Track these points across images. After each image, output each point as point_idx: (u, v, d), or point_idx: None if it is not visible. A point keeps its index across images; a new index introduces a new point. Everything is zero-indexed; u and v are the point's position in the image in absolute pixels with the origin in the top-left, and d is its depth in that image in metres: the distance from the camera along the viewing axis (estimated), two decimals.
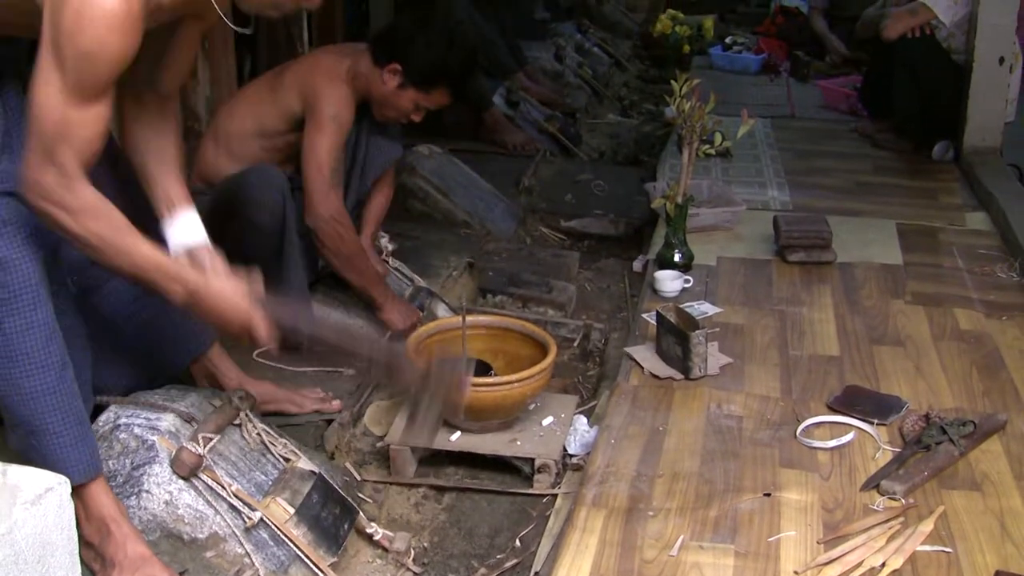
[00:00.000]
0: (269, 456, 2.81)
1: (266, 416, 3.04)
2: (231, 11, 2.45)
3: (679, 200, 4.11)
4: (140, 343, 2.86)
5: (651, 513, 2.72)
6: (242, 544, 2.58)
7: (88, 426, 2.52)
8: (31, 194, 2.24)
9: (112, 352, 2.78)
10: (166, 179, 2.64)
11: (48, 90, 2.18)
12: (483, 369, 3.31)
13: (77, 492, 2.33)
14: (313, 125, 3.63)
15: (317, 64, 3.82)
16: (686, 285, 4.04)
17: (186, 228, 2.60)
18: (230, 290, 2.49)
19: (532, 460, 3.15)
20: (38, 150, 2.20)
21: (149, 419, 2.67)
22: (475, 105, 6.17)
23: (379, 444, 3.29)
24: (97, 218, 2.28)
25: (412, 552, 2.87)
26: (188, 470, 2.58)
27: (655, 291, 4.02)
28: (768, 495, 2.79)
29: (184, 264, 2.51)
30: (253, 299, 2.50)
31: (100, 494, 2.49)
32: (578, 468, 3.13)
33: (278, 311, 2.54)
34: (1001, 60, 5.56)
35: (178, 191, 2.64)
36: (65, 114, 2.18)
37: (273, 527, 2.62)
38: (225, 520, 2.59)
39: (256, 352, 3.56)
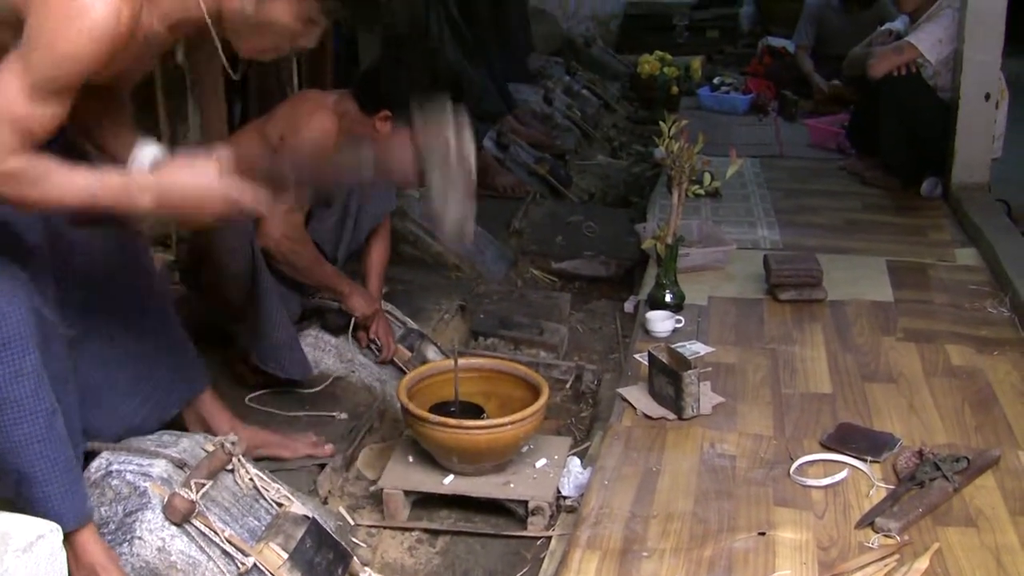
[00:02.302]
0: (262, 501, 2.80)
1: (258, 461, 3.04)
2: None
3: (669, 240, 4.12)
4: (132, 388, 2.85)
5: (645, 554, 2.71)
6: None
7: (78, 473, 2.51)
8: None
9: (104, 397, 2.77)
10: (125, 139, 2.60)
11: (8, 77, 2.15)
12: (475, 412, 3.31)
13: (67, 539, 2.33)
14: (291, 146, 3.63)
15: (305, 97, 3.87)
16: (677, 325, 4.05)
17: (144, 153, 2.49)
18: (195, 174, 2.34)
19: (526, 502, 3.15)
20: None
21: (141, 465, 2.66)
22: None
23: (372, 488, 3.29)
24: (36, 180, 2.22)
25: None
26: (181, 516, 2.57)
27: (647, 331, 4.02)
28: (763, 534, 2.78)
29: (142, 173, 2.40)
30: (222, 171, 2.35)
31: (90, 542, 2.48)
32: (572, 510, 3.13)
33: (252, 164, 2.40)
34: (987, 96, 5.58)
35: (134, 138, 2.57)
36: (18, 104, 2.15)
37: (267, 573, 2.60)
38: (218, 566, 2.58)
39: (248, 397, 3.56)
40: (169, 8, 2.36)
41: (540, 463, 3.28)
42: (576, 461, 3.33)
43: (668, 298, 4.17)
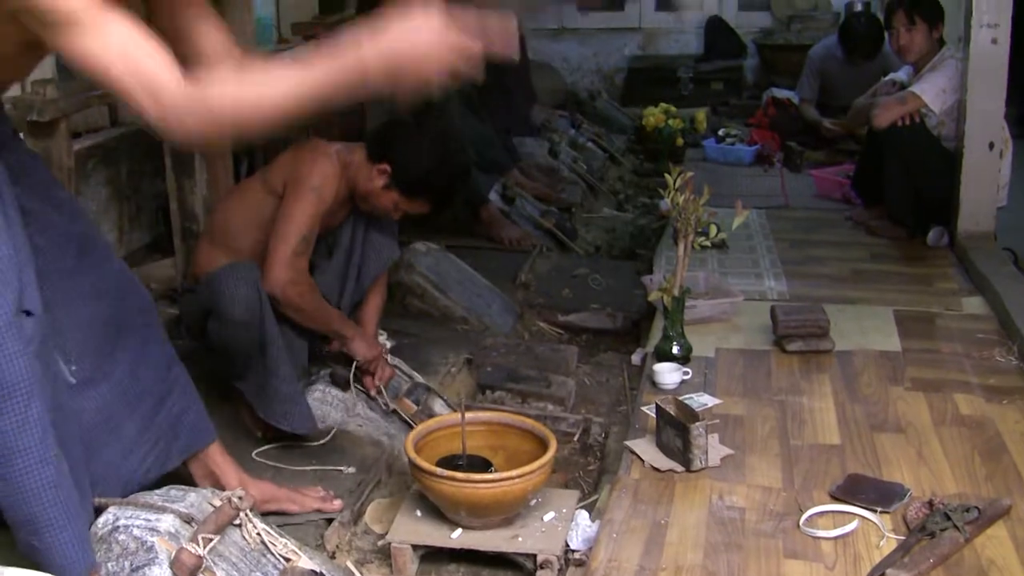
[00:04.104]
0: (269, 556, 2.79)
1: (266, 515, 3.03)
2: None
3: (676, 292, 4.12)
4: (136, 437, 2.85)
5: None
6: None
7: (86, 520, 2.51)
8: (181, 124, 2.12)
9: (107, 446, 2.77)
10: None
11: (78, 44, 2.07)
12: (483, 465, 3.30)
13: None
14: (291, 193, 3.68)
15: (307, 145, 3.91)
16: (685, 377, 4.04)
17: None
18: (408, 33, 2.14)
19: (534, 556, 3.13)
20: (142, 96, 2.09)
21: (148, 520, 2.65)
22: (471, 202, 6.21)
23: (380, 543, 3.28)
24: (248, 93, 2.12)
25: None
26: (188, 571, 2.56)
27: (654, 384, 4.02)
28: None
29: (349, 46, 2.15)
30: (441, 22, 2.15)
31: None
32: (580, 563, 3.11)
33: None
34: (991, 146, 5.59)
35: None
36: (104, 45, 2.07)
37: None
38: None
39: (256, 451, 3.56)
40: None
41: (548, 516, 3.27)
42: (584, 514, 3.32)
43: (675, 350, 4.17)
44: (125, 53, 2.07)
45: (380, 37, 2.13)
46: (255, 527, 2.80)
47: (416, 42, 2.13)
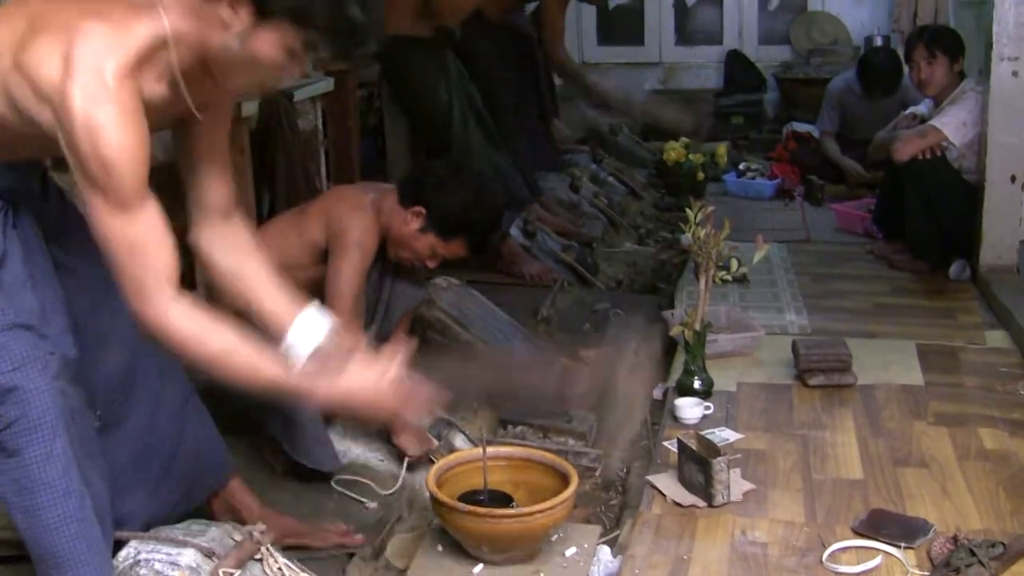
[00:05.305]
0: None
1: (287, 550, 3.03)
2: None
3: (697, 327, 4.12)
4: (159, 476, 2.86)
5: None
6: None
7: (108, 555, 2.52)
8: (147, 330, 2.34)
9: (130, 485, 2.78)
10: (267, 296, 2.64)
11: (105, 220, 2.24)
12: (504, 500, 3.29)
13: None
14: (337, 252, 3.69)
15: (342, 195, 3.93)
16: (707, 412, 4.03)
17: (303, 333, 2.53)
18: (363, 385, 2.46)
19: None
20: (129, 287, 2.29)
21: (170, 554, 2.66)
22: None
23: None
24: (203, 344, 2.36)
25: None
26: None
27: (676, 419, 4.01)
28: None
29: (308, 374, 2.46)
30: (391, 383, 2.47)
31: None
32: None
33: (426, 379, 2.54)
34: (1013, 178, 5.58)
35: (283, 302, 2.62)
36: (124, 233, 2.24)
37: None
38: None
39: (276, 486, 3.55)
40: (160, 70, 2.35)
41: (570, 552, 3.26)
42: (606, 550, 3.31)
43: (697, 385, 4.16)
44: (133, 248, 2.28)
45: (341, 378, 2.44)
46: (276, 561, 2.80)
47: (369, 392, 2.47)
